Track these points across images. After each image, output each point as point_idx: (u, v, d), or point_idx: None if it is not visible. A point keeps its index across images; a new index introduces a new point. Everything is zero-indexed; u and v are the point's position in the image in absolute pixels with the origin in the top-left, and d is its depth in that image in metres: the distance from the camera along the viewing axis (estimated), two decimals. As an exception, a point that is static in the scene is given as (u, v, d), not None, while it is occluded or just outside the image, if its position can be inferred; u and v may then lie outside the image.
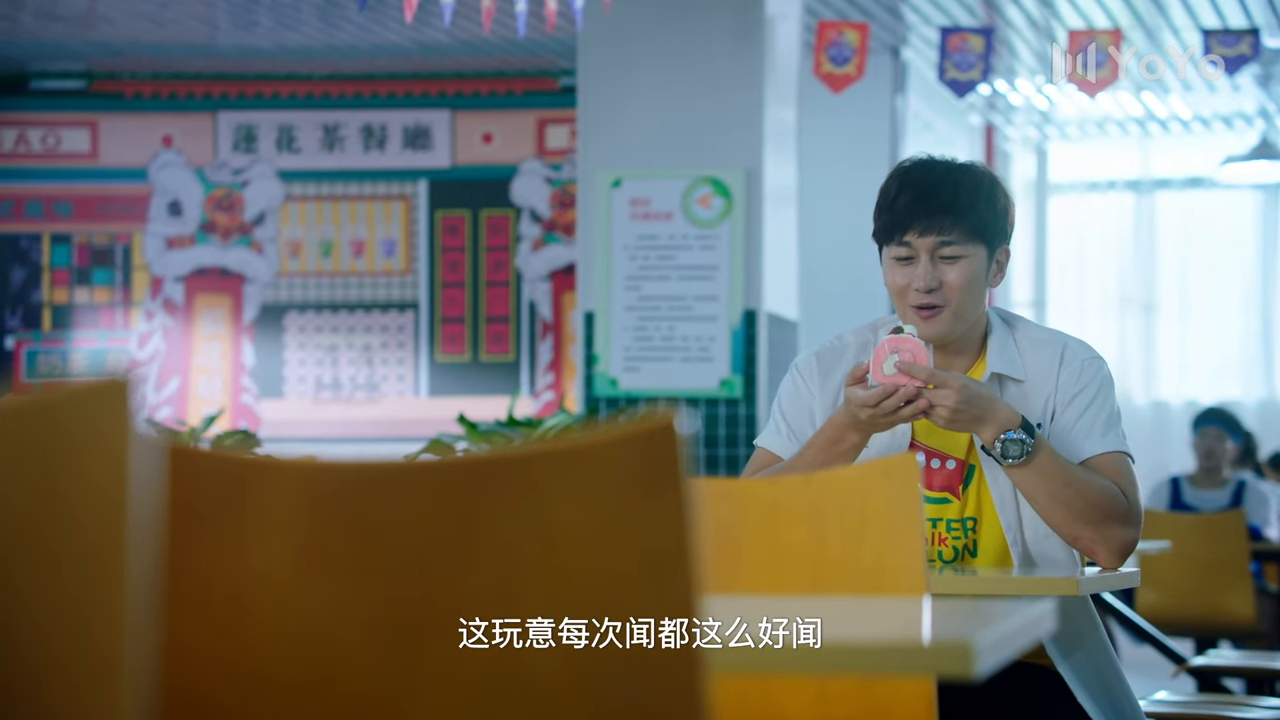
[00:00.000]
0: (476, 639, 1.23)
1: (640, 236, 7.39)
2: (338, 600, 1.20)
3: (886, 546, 2.17)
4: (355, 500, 1.19)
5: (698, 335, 7.32)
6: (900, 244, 3.18)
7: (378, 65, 9.37)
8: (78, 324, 9.61)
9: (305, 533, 1.18)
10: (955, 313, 3.19)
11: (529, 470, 1.24)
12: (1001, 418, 3.08)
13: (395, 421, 9.15)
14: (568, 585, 1.25)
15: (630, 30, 7.43)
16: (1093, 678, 3.21)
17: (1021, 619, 1.75)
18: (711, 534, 2.21)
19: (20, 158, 9.65)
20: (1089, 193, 11.16)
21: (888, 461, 2.18)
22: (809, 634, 1.54)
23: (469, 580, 1.23)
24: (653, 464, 1.26)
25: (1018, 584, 2.91)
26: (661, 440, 1.26)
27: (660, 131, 7.41)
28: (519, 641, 1.24)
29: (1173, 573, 7.30)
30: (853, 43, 7.63)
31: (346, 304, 9.47)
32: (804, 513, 2.19)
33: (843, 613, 1.86)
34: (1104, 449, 3.18)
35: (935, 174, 3.20)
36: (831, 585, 2.18)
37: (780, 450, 3.25)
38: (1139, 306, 10.94)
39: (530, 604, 1.24)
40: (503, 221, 9.40)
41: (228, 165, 9.54)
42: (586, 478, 1.25)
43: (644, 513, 1.25)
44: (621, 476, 1.26)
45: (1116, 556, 3.16)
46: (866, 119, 8.77)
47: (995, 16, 8.35)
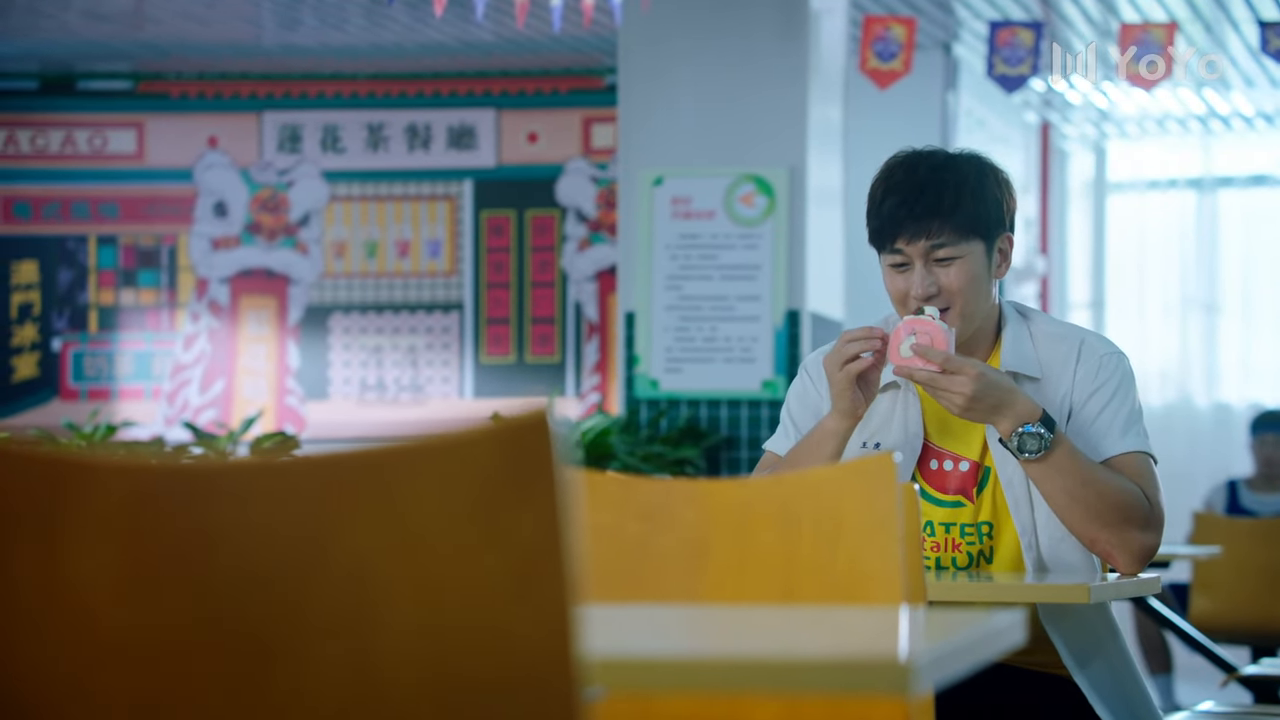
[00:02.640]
0: (327, 657, 1.13)
1: (682, 235, 7.28)
2: (166, 614, 1.09)
3: (862, 551, 2.05)
4: (185, 504, 1.08)
5: (740, 336, 7.21)
6: (892, 251, 3.06)
7: (422, 64, 9.30)
8: (123, 326, 9.57)
9: (127, 539, 1.07)
10: (961, 313, 3.06)
11: (383, 470, 1.13)
12: (1021, 409, 2.95)
13: (440, 423, 9.04)
14: (429, 596, 1.14)
15: (672, 25, 7.32)
16: (1111, 687, 3.08)
17: (977, 632, 1.63)
18: (677, 539, 2.10)
19: (67, 159, 9.63)
20: (1149, 191, 10.97)
21: (863, 461, 2.06)
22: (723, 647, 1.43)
23: (317, 592, 1.12)
24: (523, 461, 1.15)
25: (1024, 591, 2.78)
26: (532, 435, 1.15)
27: (702, 129, 7.29)
28: (375, 659, 1.13)
29: (1228, 578, 7.12)
30: (899, 38, 7.49)
31: (391, 305, 9.40)
32: (775, 515, 2.08)
33: (797, 622, 1.74)
34: (1124, 449, 3.04)
35: (918, 175, 3.06)
36: (804, 592, 2.06)
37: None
38: (1201, 307, 10.75)
39: (387, 617, 1.13)
40: (548, 221, 9.31)
41: (273, 166, 9.49)
42: (448, 477, 1.14)
43: (514, 515, 1.14)
44: (488, 475, 1.14)
45: (1135, 561, 3.02)
46: (916, 116, 8.62)
47: (1050, 12, 8.19)
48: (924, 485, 3.09)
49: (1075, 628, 3.05)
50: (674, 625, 1.57)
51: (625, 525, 2.10)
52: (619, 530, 2.09)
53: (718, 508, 2.09)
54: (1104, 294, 10.94)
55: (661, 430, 7.14)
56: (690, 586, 2.08)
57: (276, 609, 1.11)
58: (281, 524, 1.11)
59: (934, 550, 3.09)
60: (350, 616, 1.12)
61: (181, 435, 8.72)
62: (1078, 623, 3.05)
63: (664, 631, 1.50)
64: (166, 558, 1.09)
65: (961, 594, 2.74)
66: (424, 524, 1.14)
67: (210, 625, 1.11)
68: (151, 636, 1.09)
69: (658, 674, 1.26)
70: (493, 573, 1.14)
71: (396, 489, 1.13)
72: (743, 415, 7.22)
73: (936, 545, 3.09)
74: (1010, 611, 1.69)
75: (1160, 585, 3.11)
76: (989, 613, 1.72)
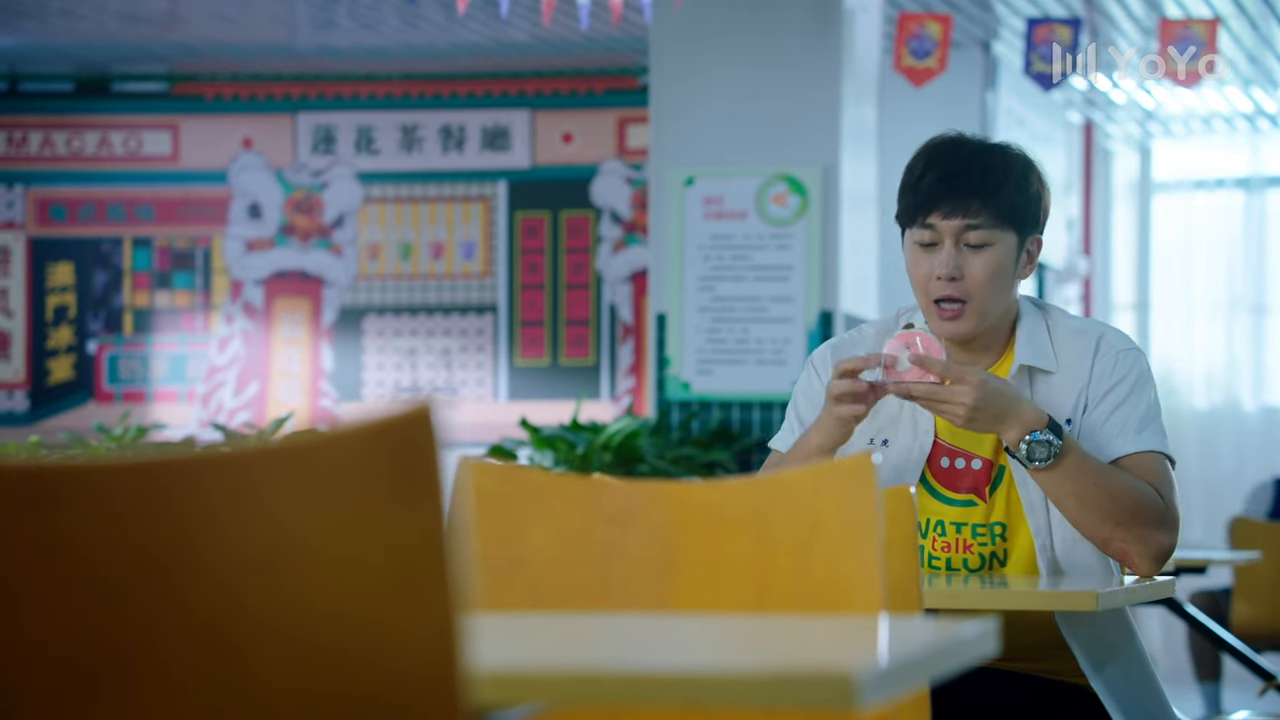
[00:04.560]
0: (189, 673, 1.04)
1: (713, 236, 7.19)
2: (8, 628, 1.01)
3: (839, 557, 1.95)
4: (27, 509, 1.00)
5: (772, 337, 7.11)
6: (923, 227, 2.98)
7: (457, 65, 9.24)
8: (158, 328, 9.54)
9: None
10: (979, 310, 2.97)
11: (249, 472, 1.04)
12: (1027, 417, 2.85)
13: (474, 426, 9.00)
14: (301, 606, 1.05)
15: (704, 24, 7.23)
16: (1128, 693, 2.98)
17: (942, 643, 1.54)
18: (647, 544, 2.01)
19: (103, 161, 9.60)
20: (1196, 191, 10.81)
21: (841, 463, 1.97)
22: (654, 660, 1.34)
23: (177, 603, 1.04)
24: (403, 461, 1.06)
25: (1027, 598, 2.68)
26: (413, 433, 1.06)
27: (734, 128, 7.20)
28: (243, 677, 1.05)
29: (1269, 584, 6.99)
30: (935, 35, 7.38)
31: (425, 307, 9.33)
32: (749, 520, 1.98)
33: (755, 633, 1.65)
34: (1139, 447, 2.95)
35: (964, 153, 2.99)
36: (778, 600, 1.97)
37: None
38: (1248, 308, 10.58)
39: (254, 630, 1.05)
40: (583, 223, 9.23)
41: (307, 167, 9.45)
42: (321, 479, 1.06)
43: (393, 518, 1.06)
44: (364, 477, 1.06)
45: (1152, 562, 2.93)
46: (954, 115, 8.46)
47: (1093, 12, 8.06)
48: (934, 484, 3.00)
49: (1092, 632, 2.96)
50: (611, 636, 1.48)
51: (593, 530, 2.01)
52: (586, 535, 2.01)
53: (689, 511, 2.00)
54: (1149, 295, 10.79)
55: (692, 433, 7.06)
56: (660, 594, 1.99)
57: (132, 621, 1.03)
58: (137, 528, 1.03)
59: (945, 551, 3.00)
60: (214, 629, 1.04)
61: (214, 437, 8.69)
62: (1094, 627, 2.96)
63: (596, 643, 1.42)
64: (8, 565, 1.01)
65: (962, 601, 2.64)
66: (295, 528, 1.05)
67: (59, 639, 1.02)
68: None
69: (573, 689, 1.18)
70: (370, 580, 1.06)
71: (265, 490, 1.04)
72: (775, 418, 7.12)
73: (948, 545, 3.00)
74: (980, 620, 1.60)
75: (1174, 589, 3.01)
76: (957, 623, 1.63)
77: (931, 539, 3.01)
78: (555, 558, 2.00)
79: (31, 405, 9.54)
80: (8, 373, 9.58)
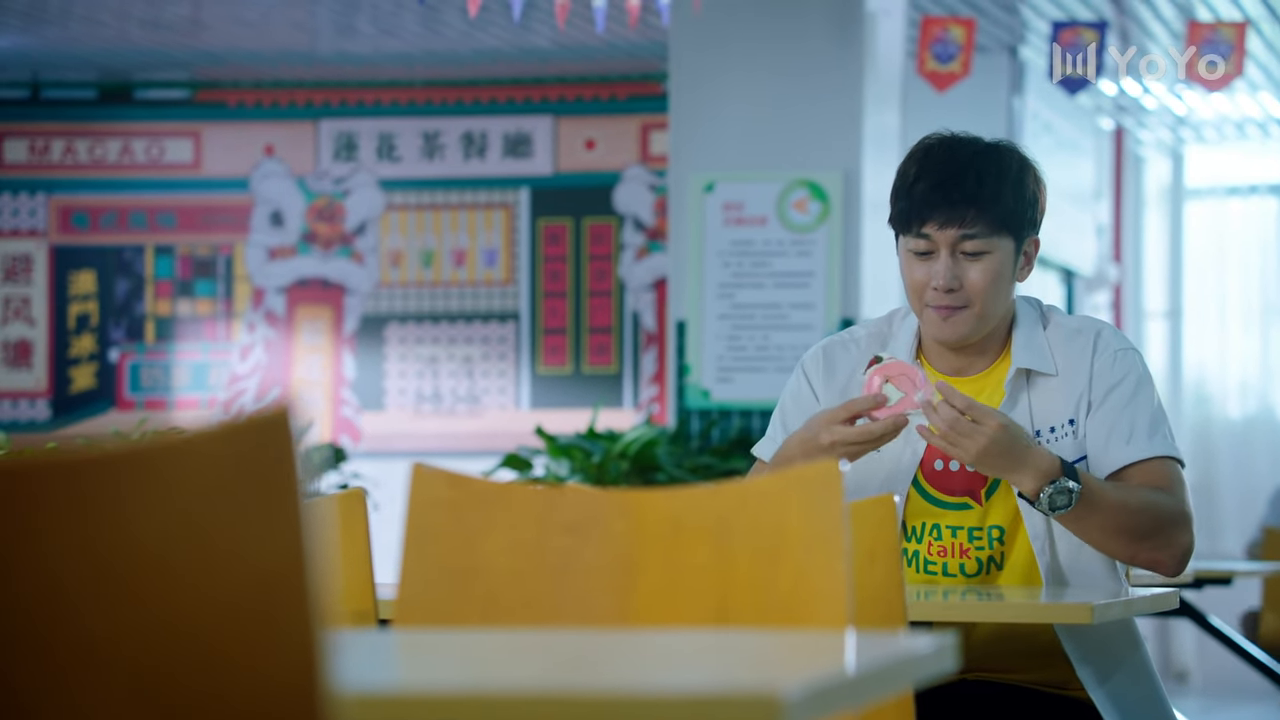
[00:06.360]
0: (20, 697, 0.97)
1: (733, 242, 7.10)
2: None
3: (805, 568, 1.87)
4: None
5: (793, 345, 7.01)
6: (918, 236, 2.89)
7: (478, 71, 9.18)
8: (180, 336, 9.49)
9: None
10: (978, 314, 2.90)
11: (88, 478, 0.96)
12: (1041, 465, 2.76)
13: (496, 434, 8.93)
14: (148, 623, 0.97)
15: (724, 28, 7.15)
16: (1131, 703, 2.90)
17: (893, 659, 1.46)
18: (605, 554, 1.93)
19: (125, 168, 9.56)
20: (1229, 198, 10.68)
21: (806, 471, 1.88)
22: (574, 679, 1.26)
23: (4, 621, 0.96)
24: (261, 467, 0.98)
25: (1017, 610, 2.59)
26: (271, 437, 0.98)
27: (754, 133, 7.11)
28: (80, 701, 0.97)
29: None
30: (959, 39, 7.29)
31: (447, 315, 9.27)
32: (710, 529, 1.90)
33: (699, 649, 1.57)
34: (1150, 453, 2.87)
35: (959, 158, 2.90)
36: (740, 613, 1.88)
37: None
38: (1283, 316, 10.47)
39: (96, 649, 0.97)
40: (605, 230, 9.16)
41: (329, 174, 9.40)
42: (171, 485, 0.98)
43: (250, 527, 0.98)
44: (219, 483, 0.98)
45: (1178, 563, 2.88)
46: (979, 120, 8.35)
47: (1122, 15, 7.95)
48: (926, 486, 2.92)
49: (1093, 643, 2.88)
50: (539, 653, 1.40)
51: (549, 539, 1.93)
52: (542, 544, 1.93)
53: (649, 520, 1.92)
54: (1181, 303, 10.67)
55: (712, 441, 6.97)
56: (618, 606, 1.91)
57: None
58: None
59: (940, 555, 2.92)
60: (50, 650, 0.96)
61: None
62: (1096, 638, 2.87)
63: (515, 661, 1.33)
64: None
65: (953, 614, 2.55)
66: (143, 538, 0.97)
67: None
68: None
69: (453, 710, 1.09)
70: (223, 597, 0.98)
71: (104, 501, 0.97)
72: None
73: (944, 550, 2.92)
74: (938, 635, 1.52)
75: (1178, 600, 2.92)
76: (915, 637, 1.54)
77: (927, 543, 2.93)
78: (510, 568, 1.92)
79: (54, 414, 9.50)
80: (30, 381, 9.55)
